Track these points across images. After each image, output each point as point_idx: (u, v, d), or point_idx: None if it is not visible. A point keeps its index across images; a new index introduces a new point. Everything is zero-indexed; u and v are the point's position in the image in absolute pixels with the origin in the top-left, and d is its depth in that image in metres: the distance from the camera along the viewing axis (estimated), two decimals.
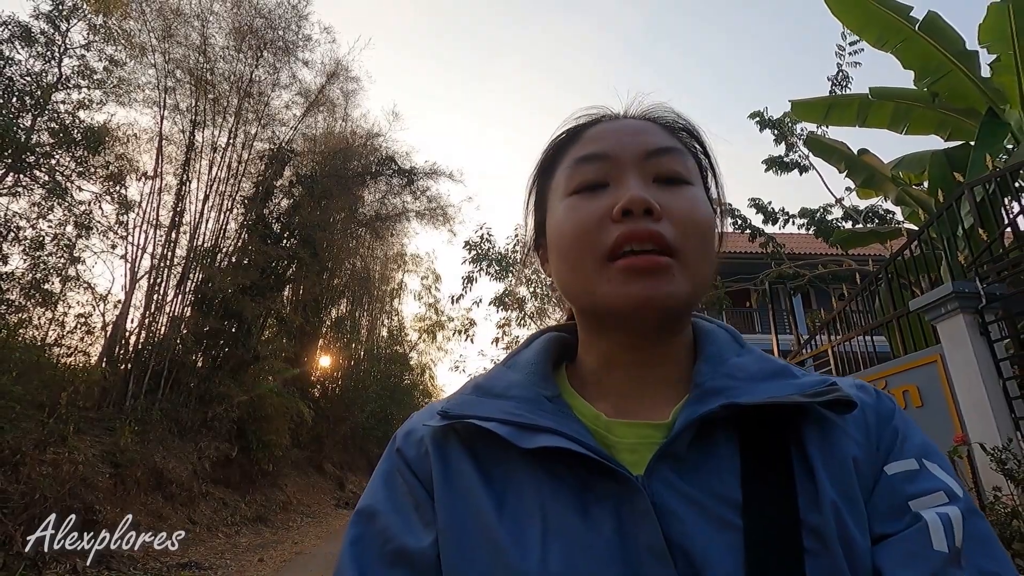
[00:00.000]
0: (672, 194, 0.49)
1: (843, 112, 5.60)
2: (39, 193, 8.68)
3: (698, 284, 0.48)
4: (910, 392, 4.11)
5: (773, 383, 0.47)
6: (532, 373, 0.52)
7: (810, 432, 0.45)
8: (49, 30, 8.92)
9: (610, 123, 0.55)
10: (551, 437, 0.44)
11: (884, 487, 0.43)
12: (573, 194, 0.51)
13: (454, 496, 0.45)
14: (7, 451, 5.29)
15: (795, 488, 0.42)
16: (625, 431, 0.47)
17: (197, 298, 9.84)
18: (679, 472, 0.43)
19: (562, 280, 0.51)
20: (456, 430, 0.49)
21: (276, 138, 11.74)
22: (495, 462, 0.46)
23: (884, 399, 0.49)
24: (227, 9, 10.55)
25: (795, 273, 7.52)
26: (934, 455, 0.46)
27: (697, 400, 0.46)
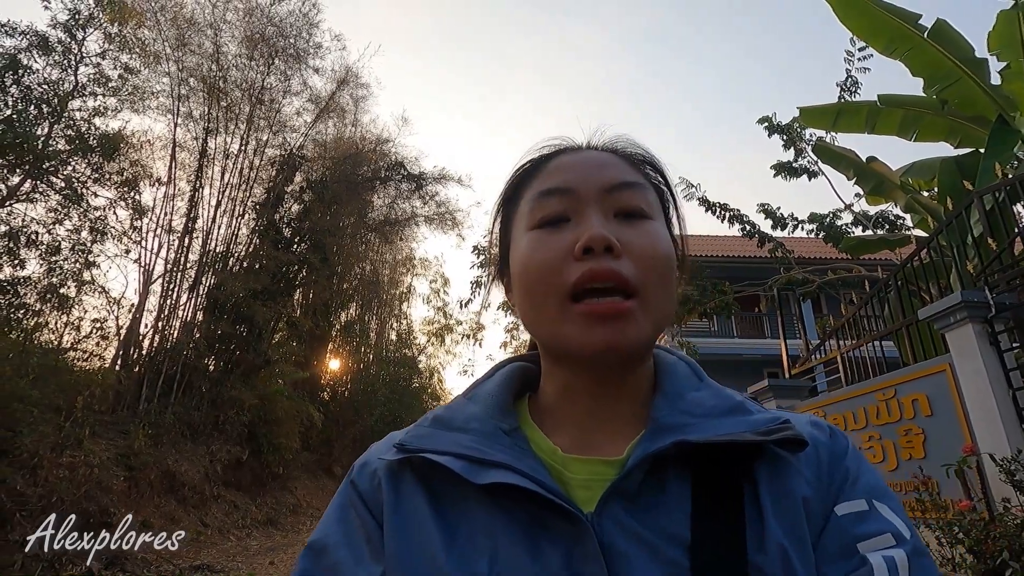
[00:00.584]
0: (633, 230, 0.49)
1: (852, 119, 5.60)
2: (56, 199, 8.85)
3: (659, 322, 0.48)
4: (919, 401, 4.09)
5: (728, 420, 0.47)
6: (491, 405, 0.52)
7: (762, 470, 0.45)
8: (66, 39, 9.08)
9: (573, 155, 0.55)
10: (504, 473, 0.44)
11: (833, 528, 0.44)
12: (536, 228, 0.51)
13: (403, 529, 0.45)
14: (25, 454, 5.41)
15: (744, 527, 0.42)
16: (579, 467, 0.47)
17: (209, 302, 9.97)
18: (630, 510, 0.43)
19: (525, 315, 0.51)
20: (412, 463, 0.49)
21: (287, 144, 11.89)
22: (449, 496, 0.46)
23: (838, 437, 0.50)
24: (239, 18, 10.73)
25: (804, 279, 7.50)
26: (884, 496, 0.46)
27: (651, 437, 0.46)
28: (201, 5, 10.43)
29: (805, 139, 7.69)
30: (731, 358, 14.47)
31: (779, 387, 6.09)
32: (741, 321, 14.92)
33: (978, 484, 3.37)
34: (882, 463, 4.41)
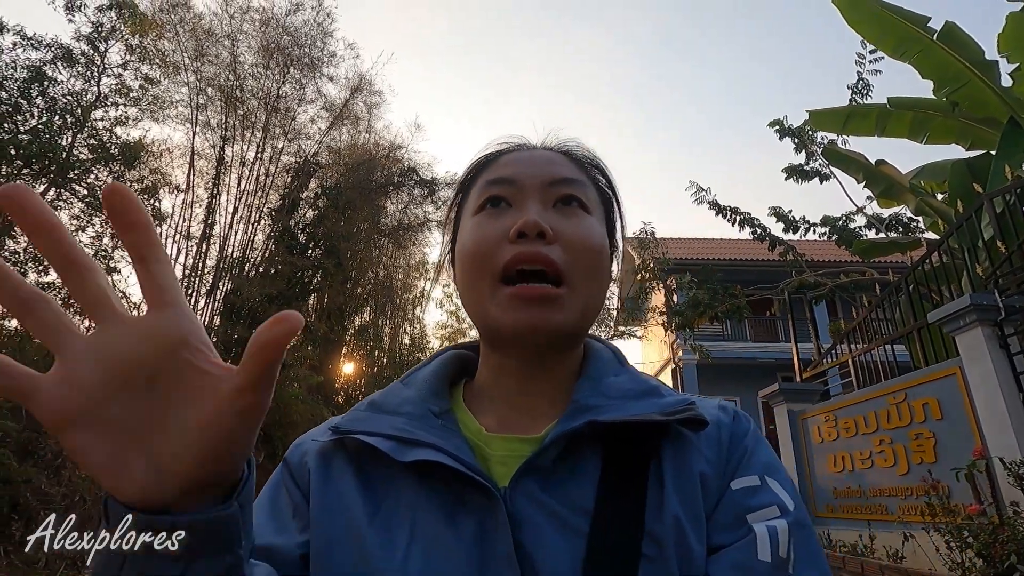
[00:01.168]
0: (568, 220, 0.52)
1: (862, 122, 5.58)
2: (79, 207, 9.12)
3: (587, 310, 0.52)
4: (930, 405, 4.08)
5: (640, 402, 0.50)
6: (424, 390, 0.55)
7: (667, 447, 0.48)
8: (89, 51, 9.36)
9: (522, 152, 0.58)
10: (427, 451, 0.47)
11: (727, 501, 0.47)
12: (479, 212, 0.54)
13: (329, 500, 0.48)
14: (49, 455, 5.57)
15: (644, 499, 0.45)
16: (500, 445, 0.51)
17: (226, 307, 10.15)
18: (543, 485, 0.46)
19: (463, 296, 0.55)
20: (344, 444, 0.51)
21: (302, 151, 12.08)
22: (377, 474, 0.49)
23: (741, 420, 0.53)
24: (256, 28, 10.94)
25: (816, 282, 7.46)
26: (776, 472, 0.49)
27: (568, 417, 0.49)
28: (219, 17, 10.67)
29: (816, 142, 7.66)
30: (744, 362, 14.37)
31: (790, 391, 6.07)
32: (754, 325, 14.83)
33: (988, 488, 3.36)
34: (893, 467, 4.40)
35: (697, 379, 14.29)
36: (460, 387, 0.59)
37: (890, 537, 3.99)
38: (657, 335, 15.06)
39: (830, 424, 5.28)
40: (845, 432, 5.05)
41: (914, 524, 3.80)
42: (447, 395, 0.56)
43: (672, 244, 14.78)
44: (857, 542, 4.24)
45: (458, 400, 0.57)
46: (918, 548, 3.66)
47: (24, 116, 8.66)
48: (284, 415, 10.22)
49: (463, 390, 0.58)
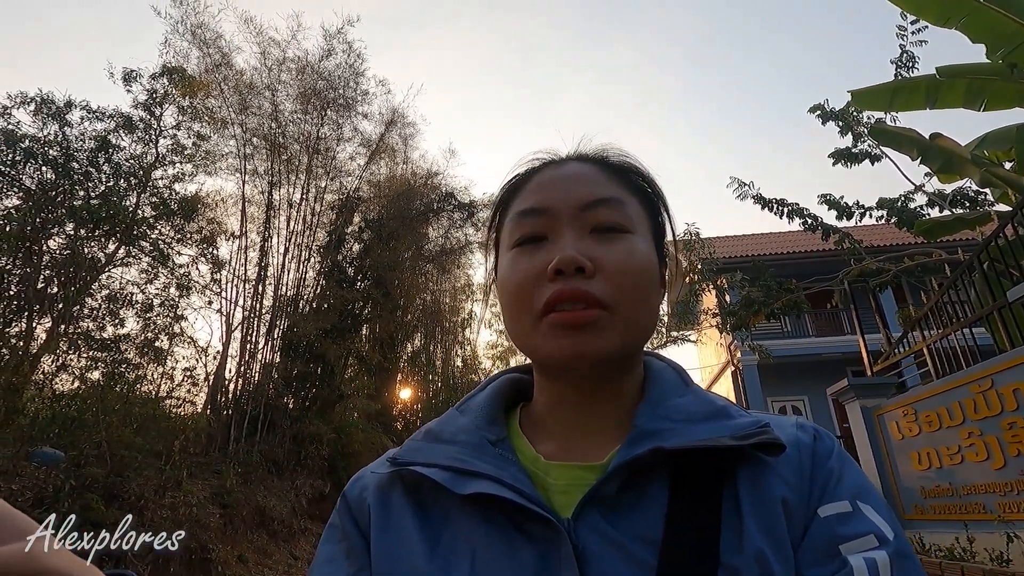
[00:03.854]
0: (607, 246, 0.50)
1: (910, 96, 5.28)
2: (146, 261, 9.73)
3: (632, 333, 0.49)
4: (1020, 391, 3.75)
5: (708, 424, 0.48)
6: (480, 417, 0.54)
7: (743, 474, 0.45)
8: (147, 117, 10.07)
9: (554, 170, 0.56)
10: (485, 483, 0.46)
11: (816, 529, 0.43)
12: (515, 247, 0.53)
13: (389, 538, 0.48)
14: (132, 497, 5.87)
15: (718, 529, 0.42)
16: (560, 473, 0.49)
17: (284, 344, 10.54)
18: (607, 515, 0.44)
19: (508, 329, 0.54)
20: (402, 476, 0.51)
21: (344, 188, 12.52)
22: (435, 506, 0.48)
23: (823, 439, 0.49)
24: (293, 77, 11.50)
25: (879, 269, 7.06)
26: (869, 496, 0.45)
27: (631, 443, 0.47)
28: (258, 71, 11.28)
29: (862, 123, 7.30)
30: (808, 359, 13.71)
31: (861, 386, 5.73)
32: (816, 318, 14.14)
33: None
34: (987, 461, 4.05)
35: (760, 380, 13.70)
36: (516, 413, 0.58)
37: (991, 538, 3.66)
38: (712, 338, 14.60)
39: (909, 419, 4.93)
40: (928, 426, 4.70)
41: (1019, 523, 3.47)
42: (503, 422, 0.55)
43: (718, 243, 14.34)
44: (954, 545, 3.91)
45: (514, 427, 0.55)
46: None
47: (94, 183, 9.37)
48: (346, 445, 10.46)
49: (519, 415, 0.57)
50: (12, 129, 8.69)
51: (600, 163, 0.56)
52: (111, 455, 6.07)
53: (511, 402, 0.59)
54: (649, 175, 0.58)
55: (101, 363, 8.29)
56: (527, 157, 0.60)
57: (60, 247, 8.64)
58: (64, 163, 8.80)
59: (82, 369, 8.16)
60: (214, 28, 10.81)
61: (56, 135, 8.98)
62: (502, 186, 0.60)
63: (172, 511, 6.14)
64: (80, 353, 8.34)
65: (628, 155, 0.58)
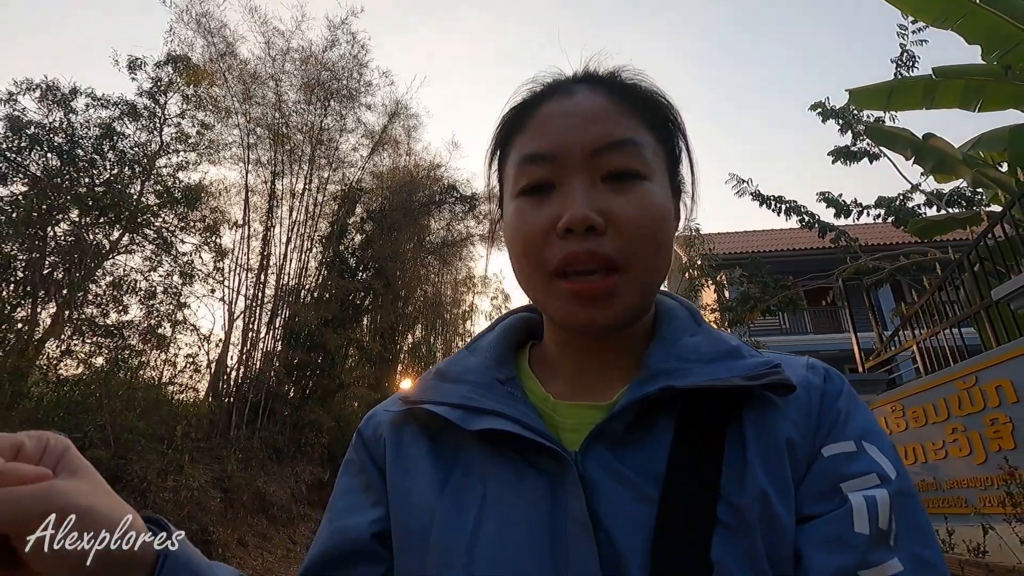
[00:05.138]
0: (620, 195, 0.47)
1: (907, 95, 5.33)
2: (150, 249, 9.83)
3: (649, 285, 0.48)
4: (1004, 387, 3.82)
5: (720, 364, 0.47)
6: (489, 357, 0.55)
7: (749, 413, 0.45)
8: (151, 105, 10.13)
9: (560, 102, 0.51)
10: (495, 419, 0.47)
11: (819, 468, 0.43)
12: (521, 195, 0.50)
13: (403, 473, 0.50)
14: (136, 479, 6.01)
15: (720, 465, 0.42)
16: (569, 412, 0.50)
17: (286, 333, 10.65)
18: (614, 450, 0.45)
19: (519, 281, 0.52)
20: (414, 413, 0.52)
21: (346, 179, 12.59)
22: (446, 442, 0.50)
23: (834, 379, 0.49)
24: (297, 67, 11.54)
25: (874, 267, 7.12)
26: (875, 437, 0.45)
27: (641, 382, 0.47)
28: (262, 60, 11.32)
29: (863, 121, 7.34)
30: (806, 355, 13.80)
31: (853, 382, 5.78)
32: (814, 316, 14.21)
33: None
34: (969, 456, 4.14)
35: None
36: (526, 352, 0.58)
37: (970, 531, 3.74)
38: None
39: (897, 415, 5.01)
40: (914, 422, 4.78)
41: (994, 516, 3.57)
42: (512, 361, 0.55)
43: (718, 239, 14.37)
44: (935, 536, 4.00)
45: (524, 366, 0.56)
46: (1002, 542, 3.42)
47: (98, 169, 9.44)
48: (345, 433, 10.59)
49: (529, 354, 0.57)
50: (18, 115, 8.77)
51: (612, 90, 0.51)
52: (115, 438, 6.21)
53: (521, 340, 0.59)
54: (666, 99, 0.53)
55: (105, 349, 8.40)
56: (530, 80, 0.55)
57: (65, 233, 8.73)
58: (69, 150, 8.87)
59: (86, 354, 8.29)
60: (218, 17, 10.87)
61: (61, 122, 9.05)
62: (503, 114, 0.55)
63: (174, 494, 6.28)
64: (84, 339, 8.46)
65: (643, 77, 0.53)
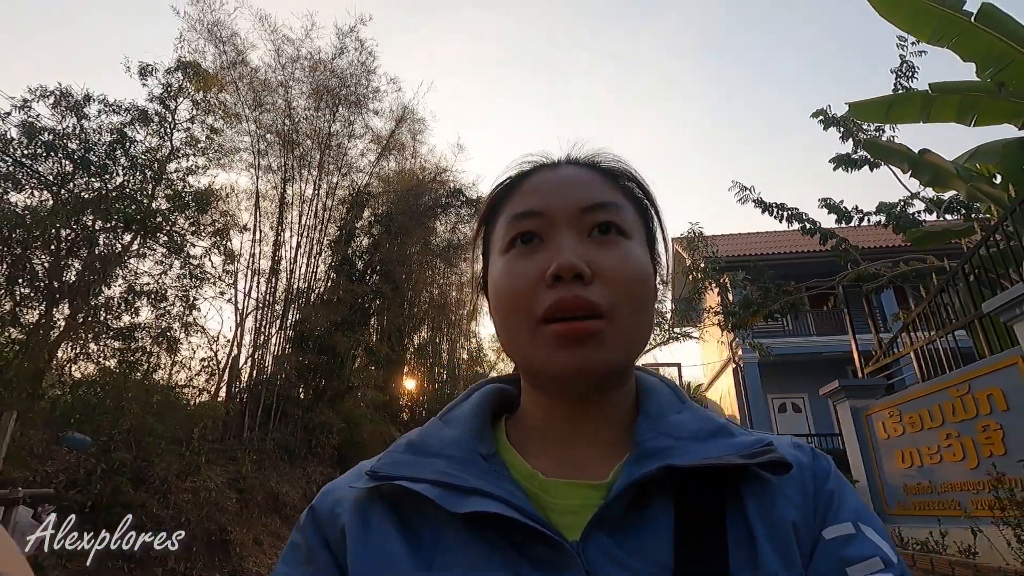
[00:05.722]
0: (606, 251, 0.48)
1: (905, 109, 5.47)
2: (161, 252, 10.03)
3: (632, 343, 0.48)
4: (995, 396, 3.99)
5: (711, 443, 0.47)
6: (468, 429, 0.51)
7: (748, 493, 0.44)
8: (162, 110, 10.33)
9: (548, 173, 0.54)
10: (483, 501, 0.43)
11: (822, 552, 0.43)
12: (509, 251, 0.50)
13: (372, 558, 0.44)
14: (157, 481, 6.20)
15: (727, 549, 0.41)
16: (562, 491, 0.46)
17: (296, 335, 10.86)
18: (614, 537, 0.42)
19: (501, 337, 0.51)
20: (382, 491, 0.46)
21: (355, 184, 12.79)
22: (423, 526, 0.45)
23: (820, 459, 0.49)
24: (306, 74, 11.73)
25: (874, 273, 7.27)
26: (869, 518, 0.45)
27: (637, 460, 0.45)
28: (272, 68, 11.52)
29: (863, 129, 7.48)
30: (809, 357, 13.91)
31: (852, 387, 5.98)
32: (817, 318, 14.33)
33: None
34: (962, 461, 4.31)
35: (760, 378, 13.93)
36: (501, 425, 0.54)
37: (963, 533, 3.91)
38: (714, 335, 14.82)
39: (895, 419, 5.18)
40: (911, 427, 4.95)
41: (983, 519, 3.73)
42: (491, 435, 0.52)
43: (721, 241, 14.52)
44: (928, 539, 4.17)
45: (502, 440, 0.52)
46: (992, 544, 3.59)
47: (111, 175, 9.64)
48: (355, 434, 10.79)
49: (505, 428, 0.54)
50: (31, 122, 8.98)
51: (595, 168, 0.55)
52: (136, 441, 6.41)
53: (496, 413, 0.56)
54: (643, 181, 0.56)
55: (119, 352, 8.60)
56: (519, 159, 0.57)
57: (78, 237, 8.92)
58: (83, 155, 9.07)
59: (101, 357, 8.49)
60: (229, 26, 11.05)
61: (74, 128, 9.25)
62: (492, 188, 0.57)
63: (193, 495, 6.48)
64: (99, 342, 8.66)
65: (622, 160, 0.56)
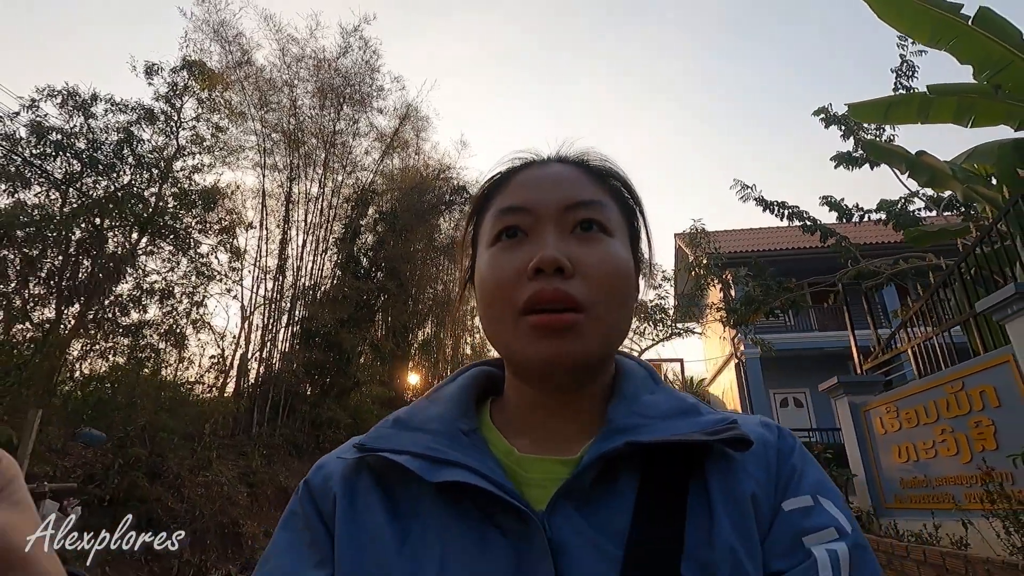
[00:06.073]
0: (587, 248, 0.50)
1: (904, 110, 5.54)
2: (168, 249, 10.16)
3: (609, 337, 0.49)
4: (987, 393, 4.10)
5: (679, 421, 0.49)
6: (452, 407, 0.53)
7: (713, 469, 0.46)
8: (167, 109, 10.43)
9: (536, 170, 0.55)
10: (458, 471, 0.45)
11: (781, 523, 0.45)
12: (495, 244, 0.52)
13: (356, 529, 0.46)
14: (171, 476, 6.37)
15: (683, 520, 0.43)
16: (534, 466, 0.49)
17: (303, 332, 11.01)
18: (580, 509, 0.44)
19: (484, 327, 0.53)
20: (369, 463, 0.49)
21: (359, 182, 12.91)
22: (405, 495, 0.47)
23: (786, 436, 0.51)
24: (311, 73, 11.83)
25: (874, 271, 7.37)
26: (828, 492, 0.47)
27: (605, 437, 0.47)
28: (277, 67, 11.62)
29: (864, 128, 7.56)
30: (811, 352, 14.01)
31: (850, 383, 6.09)
32: (819, 313, 14.42)
33: None
34: (956, 456, 4.42)
35: (762, 373, 14.05)
36: (486, 406, 0.57)
37: (955, 526, 4.03)
38: (716, 331, 14.92)
39: (891, 415, 5.30)
40: (907, 423, 5.06)
41: (974, 512, 3.86)
42: (475, 413, 0.55)
43: (723, 237, 14.61)
44: (922, 531, 4.29)
45: (485, 419, 0.55)
46: (983, 536, 3.71)
47: (118, 173, 9.75)
48: (361, 429, 10.80)
49: (490, 408, 0.57)
50: (39, 121, 9.10)
51: (582, 166, 0.57)
52: (150, 437, 6.57)
53: (482, 395, 0.58)
54: (628, 180, 0.58)
55: (130, 349, 8.74)
56: (508, 156, 0.59)
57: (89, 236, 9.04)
58: (90, 155, 9.18)
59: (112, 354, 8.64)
60: (235, 26, 11.14)
61: (82, 127, 9.36)
62: (482, 184, 0.60)
63: (206, 489, 6.65)
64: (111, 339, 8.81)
65: (608, 160, 0.58)
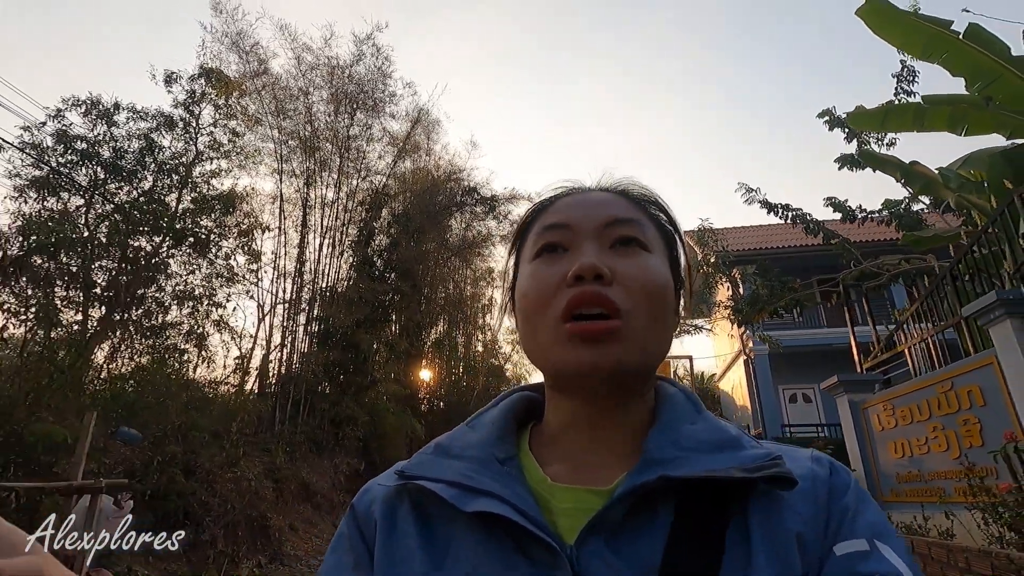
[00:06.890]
0: (627, 260, 0.50)
1: (900, 118, 5.75)
2: (190, 253, 10.52)
3: (648, 348, 0.49)
4: (974, 392, 4.34)
5: (718, 455, 0.47)
6: (490, 434, 0.54)
7: (755, 506, 0.44)
8: (186, 116, 10.79)
9: (577, 195, 0.58)
10: (490, 501, 0.45)
11: (832, 568, 0.42)
12: (536, 258, 0.54)
13: (392, 553, 0.47)
14: (203, 472, 6.74)
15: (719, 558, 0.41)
16: (566, 496, 0.48)
17: (321, 333, 11.38)
18: (610, 542, 0.43)
19: (524, 342, 0.53)
20: (409, 490, 0.50)
21: (373, 185, 13.23)
22: (440, 521, 0.48)
23: (839, 472, 0.48)
24: (325, 81, 12.16)
25: (876, 272, 7.58)
26: (887, 536, 0.44)
27: (640, 470, 0.46)
28: (293, 75, 11.96)
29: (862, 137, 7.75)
30: (820, 348, 14.15)
31: (850, 382, 6.33)
32: (829, 309, 14.55)
33: (1022, 468, 3.64)
34: (946, 452, 4.67)
35: (770, 370, 14.23)
36: (526, 432, 0.57)
37: (943, 518, 4.29)
38: (725, 328, 15.11)
39: (888, 413, 5.54)
40: (902, 420, 5.30)
41: (958, 504, 4.11)
42: (513, 440, 0.55)
43: (731, 234, 14.75)
44: (912, 523, 4.55)
45: (524, 446, 0.55)
46: (965, 527, 3.96)
47: (140, 179, 10.13)
48: (378, 427, 11.33)
49: (530, 435, 0.57)
50: (64, 130, 9.50)
51: (622, 193, 0.59)
52: (183, 436, 6.95)
53: (522, 420, 0.58)
54: (668, 208, 0.60)
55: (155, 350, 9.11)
56: (551, 185, 0.61)
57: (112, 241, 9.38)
58: (114, 161, 9.55)
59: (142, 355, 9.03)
60: (252, 35, 11.49)
61: (105, 135, 9.74)
62: (526, 211, 0.62)
63: (235, 484, 7.02)
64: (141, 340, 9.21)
65: (648, 189, 0.60)
